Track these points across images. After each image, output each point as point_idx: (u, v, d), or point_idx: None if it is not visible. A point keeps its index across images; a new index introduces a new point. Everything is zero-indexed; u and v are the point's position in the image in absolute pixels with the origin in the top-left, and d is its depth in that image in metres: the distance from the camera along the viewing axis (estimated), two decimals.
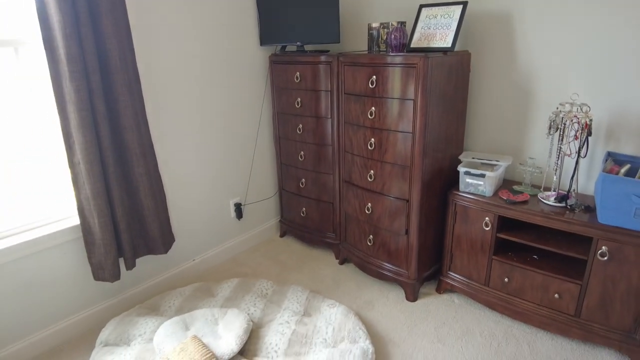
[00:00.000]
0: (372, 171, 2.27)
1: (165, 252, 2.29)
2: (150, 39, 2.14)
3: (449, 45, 2.06)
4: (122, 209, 2.05)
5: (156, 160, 2.21)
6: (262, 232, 3.03)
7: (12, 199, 1.93)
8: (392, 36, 2.05)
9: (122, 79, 1.94)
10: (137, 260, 2.32)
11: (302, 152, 2.69)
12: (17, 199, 1.94)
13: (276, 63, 2.65)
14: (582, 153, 1.85)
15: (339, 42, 2.53)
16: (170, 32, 2.23)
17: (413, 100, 1.99)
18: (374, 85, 2.12)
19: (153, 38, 2.15)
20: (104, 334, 1.98)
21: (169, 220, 2.33)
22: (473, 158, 2.26)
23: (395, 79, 2.02)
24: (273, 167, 3.02)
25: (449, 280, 2.33)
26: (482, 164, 2.21)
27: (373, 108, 2.15)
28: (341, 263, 2.69)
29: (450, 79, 2.09)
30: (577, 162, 1.87)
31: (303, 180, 2.75)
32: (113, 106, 1.97)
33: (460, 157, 2.24)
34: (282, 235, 3.09)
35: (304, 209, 2.82)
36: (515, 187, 2.17)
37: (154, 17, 2.14)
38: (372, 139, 2.21)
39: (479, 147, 2.40)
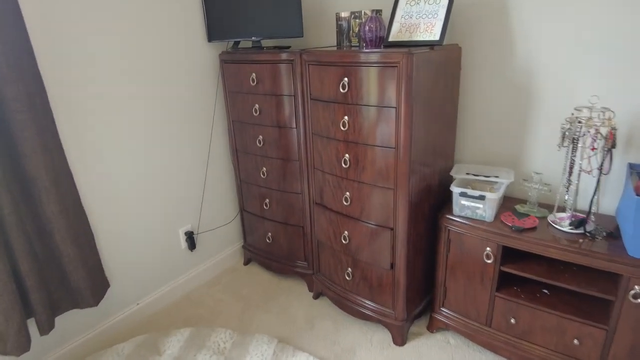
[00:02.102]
0: (347, 193, 1.87)
1: (96, 303, 1.83)
2: (60, 36, 1.66)
3: (437, 38, 1.67)
4: (30, 261, 1.58)
5: (77, 192, 1.74)
6: (223, 261, 2.59)
7: None
8: (367, 28, 1.64)
9: (16, 91, 1.46)
10: (62, 315, 1.85)
11: (264, 168, 2.26)
12: None
13: (228, 62, 2.20)
14: (605, 169, 1.50)
15: (302, 37, 2.11)
16: (89, 27, 1.74)
17: (395, 107, 1.59)
18: (345, 90, 1.71)
19: (64, 34, 1.67)
20: None
21: (100, 263, 1.87)
22: (467, 173, 1.89)
23: (371, 81, 1.62)
24: (231, 185, 2.58)
25: (442, 318, 1.96)
26: (479, 180, 1.84)
27: (346, 117, 1.75)
28: (315, 297, 2.29)
29: (438, 79, 1.71)
30: (598, 181, 1.52)
31: (267, 200, 2.32)
32: (4, 128, 1.49)
33: (453, 173, 1.86)
34: (246, 263, 2.66)
35: (269, 233, 2.39)
36: (519, 208, 1.81)
37: (62, 8, 1.65)
38: (347, 155, 1.80)
39: (472, 158, 2.03)
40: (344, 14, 1.92)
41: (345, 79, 1.70)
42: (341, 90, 1.72)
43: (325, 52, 1.77)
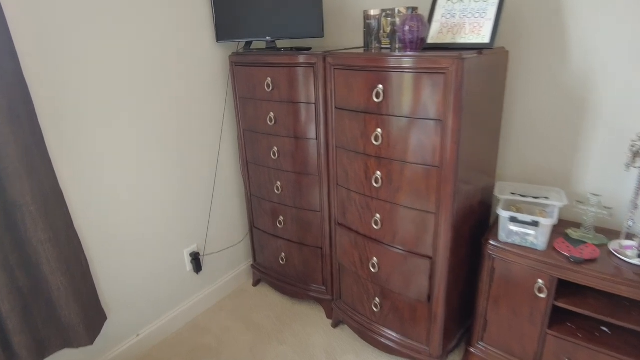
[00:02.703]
0: (378, 215, 1.65)
1: (91, 341, 1.60)
2: (51, 35, 1.42)
3: (486, 40, 1.45)
4: (13, 299, 1.34)
5: (69, 215, 1.51)
6: (230, 282, 2.36)
7: None
8: (406, 27, 1.42)
9: None
10: (52, 356, 1.61)
11: (278, 183, 2.03)
12: None
13: (239, 65, 1.97)
14: None
15: (322, 37, 1.88)
16: (84, 26, 1.51)
17: (440, 120, 1.38)
18: (380, 99, 1.49)
19: (57, 33, 1.43)
20: None
21: (95, 293, 1.64)
22: (512, 193, 1.68)
23: (412, 89, 1.40)
24: (240, 199, 2.35)
25: (479, 353, 1.75)
26: (526, 202, 1.62)
27: (379, 130, 1.53)
28: (334, 326, 2.07)
29: (485, 87, 1.49)
30: None
31: (281, 217, 2.10)
32: None
33: (497, 194, 1.65)
34: (255, 284, 2.43)
35: (283, 253, 2.17)
36: (571, 233, 1.60)
37: (55, 4, 1.42)
38: (378, 172, 1.58)
39: (514, 174, 1.82)
40: (373, 12, 1.69)
41: (380, 86, 1.48)
42: (374, 99, 1.50)
43: (354, 56, 1.54)
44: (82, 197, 1.61)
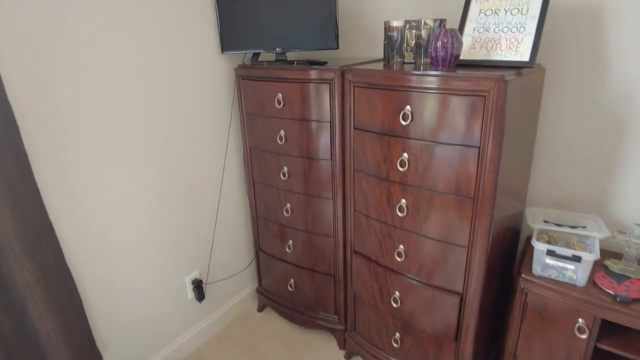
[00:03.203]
0: (401, 246, 1.51)
1: None
2: (42, 45, 1.26)
3: (525, 58, 1.31)
4: None
5: (60, 251, 1.35)
6: (234, 308, 2.21)
7: None
8: (438, 44, 1.28)
9: None
10: None
11: (288, 205, 1.88)
12: None
13: (246, 79, 1.82)
14: None
15: (337, 48, 1.73)
16: (77, 36, 1.35)
17: (477, 147, 1.24)
18: (407, 121, 1.34)
19: (48, 44, 1.27)
20: None
21: (90, 334, 1.48)
22: (546, 221, 1.55)
23: (445, 112, 1.26)
24: (246, 221, 2.19)
25: None
26: (562, 232, 1.50)
27: (405, 155, 1.39)
28: (348, 357, 1.93)
29: (524, 109, 1.36)
30: None
31: (290, 242, 1.95)
32: None
33: (530, 222, 1.52)
34: (260, 309, 2.28)
35: (292, 279, 2.02)
36: (611, 265, 1.47)
37: (47, 8, 1.25)
38: (403, 200, 1.44)
39: (546, 199, 1.69)
40: (395, 23, 1.55)
41: (408, 107, 1.33)
42: (401, 121, 1.36)
43: (378, 73, 1.40)
44: (75, 228, 1.45)
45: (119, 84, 1.50)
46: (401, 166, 1.40)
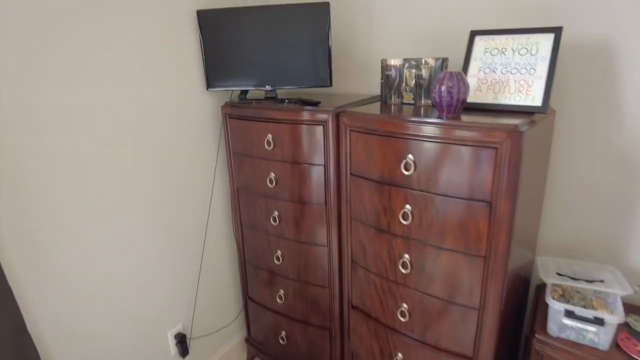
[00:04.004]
0: (405, 305, 1.37)
1: None
2: (18, 87, 1.12)
3: (537, 103, 1.21)
4: None
5: (20, 316, 1.18)
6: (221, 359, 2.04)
7: None
8: (442, 88, 1.17)
9: None
10: None
11: (279, 251, 1.74)
12: None
13: (234, 118, 1.69)
14: None
15: (330, 86, 1.62)
16: (58, 70, 1.21)
17: (489, 203, 1.12)
18: (410, 171, 1.22)
19: (17, 75, 1.13)
20: None
21: None
22: (559, 274, 1.43)
23: (452, 164, 1.14)
24: (233, 267, 2.04)
25: None
26: (578, 287, 1.37)
27: (408, 207, 1.26)
28: None
29: (536, 157, 1.25)
30: None
31: (281, 291, 1.80)
32: None
33: (543, 276, 1.39)
34: None
35: (283, 332, 1.86)
36: (635, 324, 1.35)
37: (21, 39, 1.12)
38: (406, 256, 1.31)
39: (556, 246, 1.58)
40: (393, 62, 1.45)
41: (410, 156, 1.22)
42: (403, 170, 1.24)
43: (377, 118, 1.29)
44: (39, 286, 1.29)
45: (92, 125, 1.36)
46: (404, 219, 1.28)
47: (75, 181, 1.34)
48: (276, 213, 1.69)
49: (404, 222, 1.28)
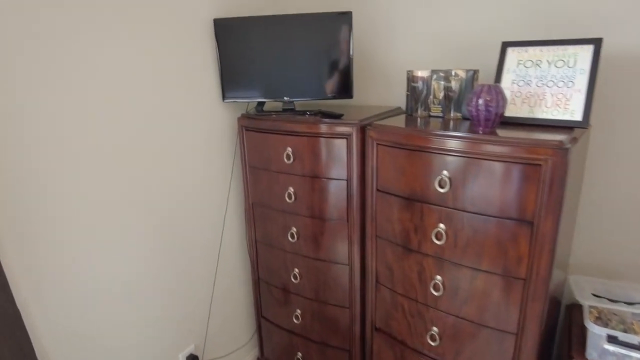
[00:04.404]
0: (435, 328, 1.30)
1: None
2: (21, 95, 1.05)
3: (577, 118, 1.16)
4: None
5: (29, 341, 1.10)
6: None
7: None
8: (479, 101, 1.11)
9: None
10: None
11: (296, 270, 1.67)
12: None
13: (251, 130, 1.63)
14: None
15: (351, 97, 1.57)
16: (67, 77, 1.15)
17: (531, 223, 1.06)
18: (445, 188, 1.16)
19: (20, 88, 1.06)
20: None
21: None
22: (595, 295, 1.37)
23: (491, 181, 1.08)
24: (247, 285, 1.96)
25: None
26: (616, 310, 1.31)
27: (442, 226, 1.20)
28: None
29: (575, 173, 1.19)
30: None
31: (298, 311, 1.72)
32: None
33: (578, 297, 1.33)
34: None
35: (299, 353, 1.78)
36: None
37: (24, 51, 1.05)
38: (439, 277, 1.25)
39: (589, 265, 1.51)
40: (420, 73, 1.39)
41: (445, 172, 1.15)
42: (437, 187, 1.18)
43: (409, 132, 1.23)
44: (47, 311, 1.20)
45: (106, 133, 1.29)
46: (437, 238, 1.21)
47: (84, 192, 1.26)
48: (294, 229, 1.62)
49: (437, 241, 1.22)
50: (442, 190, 1.17)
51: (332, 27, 1.50)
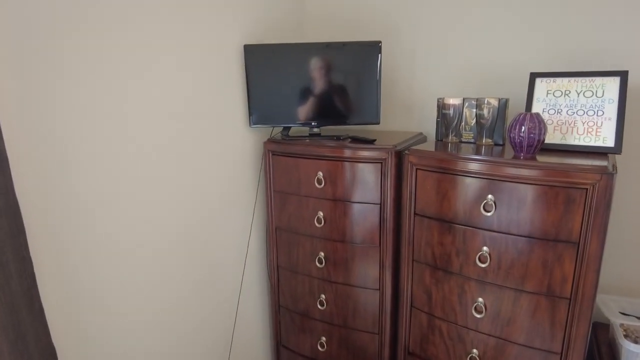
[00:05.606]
0: (475, 350, 1.31)
1: None
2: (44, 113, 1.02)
3: (610, 144, 1.23)
4: None
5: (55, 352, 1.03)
6: None
7: None
8: (521, 129, 1.17)
9: None
10: None
11: (323, 296, 1.65)
12: None
13: (278, 154, 1.63)
14: None
15: (378, 123, 1.61)
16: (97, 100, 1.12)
17: (577, 244, 1.10)
18: (491, 212, 1.20)
19: (50, 112, 1.03)
20: None
21: None
22: (622, 313, 1.42)
23: (538, 205, 1.13)
24: (266, 313, 1.92)
25: None
26: None
27: (486, 249, 1.23)
28: None
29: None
30: None
31: (323, 338, 1.69)
32: None
33: (608, 315, 1.38)
34: None
35: None
36: None
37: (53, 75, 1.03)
38: (480, 299, 1.27)
39: (612, 284, 1.57)
40: (452, 101, 1.45)
41: (490, 196, 1.19)
42: (483, 211, 1.21)
43: (452, 157, 1.26)
44: (69, 324, 1.14)
45: (133, 155, 1.26)
46: (481, 262, 1.24)
47: (111, 213, 1.22)
48: (322, 254, 1.61)
49: (480, 264, 1.24)
50: (487, 214, 1.21)
51: (362, 56, 1.55)
